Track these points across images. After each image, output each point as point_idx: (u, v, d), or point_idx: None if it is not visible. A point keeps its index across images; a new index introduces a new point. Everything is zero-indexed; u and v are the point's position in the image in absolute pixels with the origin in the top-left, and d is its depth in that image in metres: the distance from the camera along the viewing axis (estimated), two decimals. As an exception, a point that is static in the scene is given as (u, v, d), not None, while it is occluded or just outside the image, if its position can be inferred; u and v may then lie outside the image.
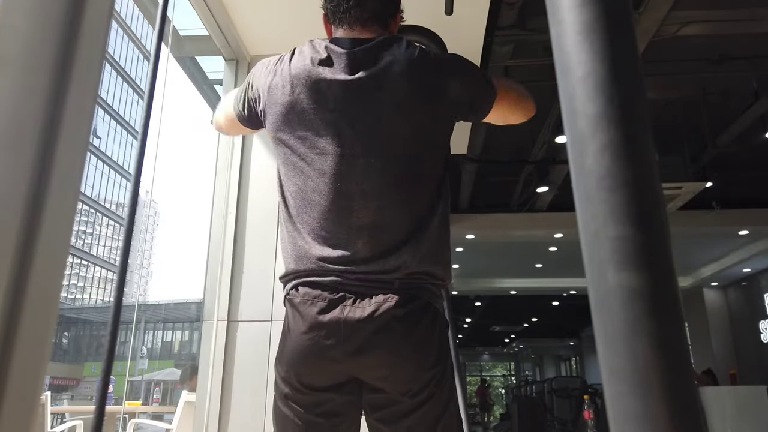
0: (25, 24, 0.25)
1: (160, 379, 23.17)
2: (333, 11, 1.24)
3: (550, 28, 0.25)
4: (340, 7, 1.22)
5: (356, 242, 1.10)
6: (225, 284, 2.55)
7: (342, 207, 1.11)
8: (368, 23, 1.22)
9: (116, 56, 43.42)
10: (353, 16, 1.21)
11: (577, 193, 0.24)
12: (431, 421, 1.08)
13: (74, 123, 0.27)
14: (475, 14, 2.60)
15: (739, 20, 3.98)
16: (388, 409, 1.09)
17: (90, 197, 44.57)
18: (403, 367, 1.07)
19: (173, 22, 2.92)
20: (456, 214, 7.45)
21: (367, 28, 1.23)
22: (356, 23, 1.22)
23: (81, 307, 39.92)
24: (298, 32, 2.65)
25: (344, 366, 1.07)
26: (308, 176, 1.15)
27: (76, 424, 4.30)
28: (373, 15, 1.23)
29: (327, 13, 1.27)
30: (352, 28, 1.22)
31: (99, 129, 42.51)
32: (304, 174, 1.16)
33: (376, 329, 1.05)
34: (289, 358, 1.10)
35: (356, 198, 1.11)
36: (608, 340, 0.22)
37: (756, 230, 7.68)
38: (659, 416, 0.20)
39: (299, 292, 1.11)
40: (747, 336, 10.58)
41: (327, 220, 1.12)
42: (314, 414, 1.10)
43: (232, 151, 2.73)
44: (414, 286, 1.10)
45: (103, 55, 0.28)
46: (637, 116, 0.23)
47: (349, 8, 1.21)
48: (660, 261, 0.22)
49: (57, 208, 0.26)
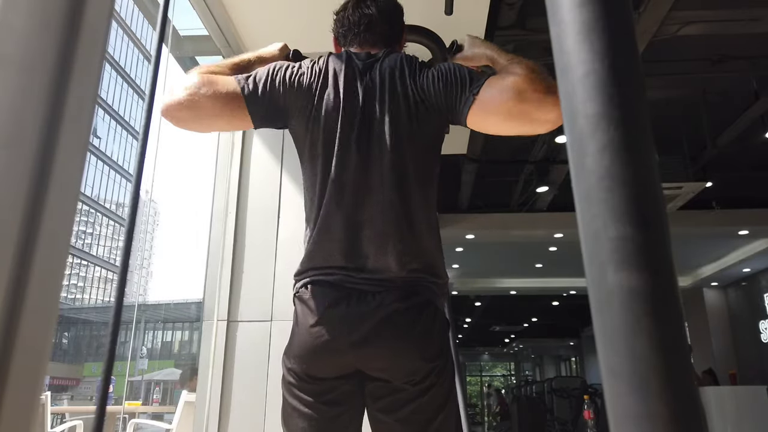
0: (25, 24, 0.25)
1: (160, 379, 23.17)
2: (344, 35, 1.34)
3: (550, 28, 0.25)
4: (351, 32, 1.32)
5: (361, 246, 1.15)
6: (225, 284, 2.55)
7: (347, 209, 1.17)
8: (377, 45, 1.31)
9: (116, 56, 43.42)
10: (363, 39, 1.31)
11: (577, 193, 0.24)
12: (431, 412, 1.11)
13: (74, 123, 0.27)
14: (475, 14, 2.60)
15: (739, 20, 3.98)
16: (390, 398, 1.13)
17: (90, 197, 44.58)
18: (405, 359, 1.11)
19: (173, 22, 2.92)
20: (456, 214, 7.45)
21: (375, 48, 1.31)
22: (365, 45, 1.32)
23: (81, 307, 39.92)
24: (298, 32, 2.65)
25: (348, 357, 1.12)
26: (318, 176, 1.21)
27: (76, 424, 4.30)
28: (381, 38, 1.32)
29: (338, 37, 1.36)
30: (362, 49, 1.31)
31: (99, 129, 42.52)
32: (315, 173, 1.21)
33: (379, 322, 1.10)
34: (297, 350, 1.15)
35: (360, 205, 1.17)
36: (608, 340, 0.22)
37: (756, 230, 7.67)
38: (659, 416, 0.20)
39: (308, 289, 1.17)
40: (747, 336, 10.57)
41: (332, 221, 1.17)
42: (319, 401, 1.14)
43: (232, 151, 2.73)
44: (415, 284, 1.16)
45: (103, 55, 0.28)
46: (637, 116, 0.23)
47: (360, 33, 1.31)
48: (660, 261, 0.22)
49: (57, 208, 0.26)
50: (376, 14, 1.31)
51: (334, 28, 1.36)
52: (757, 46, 4.52)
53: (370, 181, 1.17)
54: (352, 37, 1.32)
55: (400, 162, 1.18)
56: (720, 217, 7.23)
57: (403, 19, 1.39)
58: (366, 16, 1.31)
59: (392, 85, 1.20)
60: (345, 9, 1.35)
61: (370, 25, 1.31)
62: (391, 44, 1.33)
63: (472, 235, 7.98)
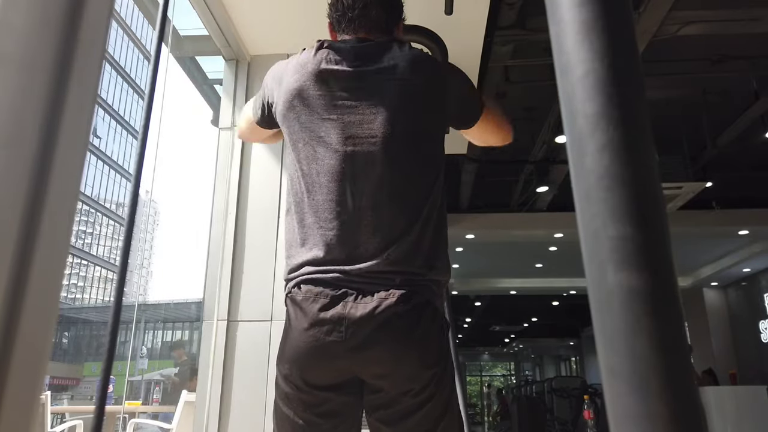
0: (25, 24, 0.25)
1: (159, 378, 23.17)
2: (338, 20, 1.29)
3: (550, 27, 0.25)
4: (345, 16, 1.27)
5: (357, 240, 1.11)
6: (225, 284, 2.55)
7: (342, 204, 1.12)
8: (372, 31, 1.28)
9: (116, 56, 43.40)
10: (358, 25, 1.27)
11: (576, 193, 0.24)
12: (432, 422, 1.08)
13: (74, 123, 0.27)
14: (475, 14, 2.60)
15: (739, 20, 3.98)
16: (389, 410, 1.09)
17: (90, 197, 44.56)
18: (404, 365, 1.07)
19: (173, 22, 2.92)
20: (456, 214, 7.44)
21: (371, 34, 1.27)
22: (360, 30, 1.27)
23: (81, 307, 39.87)
24: (297, 32, 2.65)
25: (345, 362, 1.08)
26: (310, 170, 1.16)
27: (76, 423, 4.29)
28: (376, 23, 1.28)
29: (332, 22, 1.32)
30: (357, 35, 1.27)
31: (99, 129, 42.49)
32: (306, 167, 1.17)
33: (378, 326, 1.06)
34: (292, 355, 1.10)
35: (356, 195, 1.12)
36: (608, 340, 0.22)
37: (756, 230, 7.67)
38: (659, 416, 0.20)
39: (301, 289, 1.11)
40: (747, 336, 10.57)
41: (327, 217, 1.12)
42: (314, 414, 1.10)
43: (232, 151, 2.73)
44: (415, 284, 1.11)
45: (103, 55, 0.28)
46: (637, 116, 0.23)
47: (354, 17, 1.26)
48: (660, 261, 0.22)
49: (57, 208, 0.26)
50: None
51: (329, 12, 1.32)
52: (757, 46, 4.52)
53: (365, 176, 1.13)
54: (346, 22, 1.27)
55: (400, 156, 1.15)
56: (720, 217, 7.23)
57: (401, 2, 1.34)
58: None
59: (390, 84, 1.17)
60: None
61: (365, 9, 1.26)
62: (389, 30, 1.29)
63: (472, 235, 7.98)
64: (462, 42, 2.74)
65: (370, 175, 1.13)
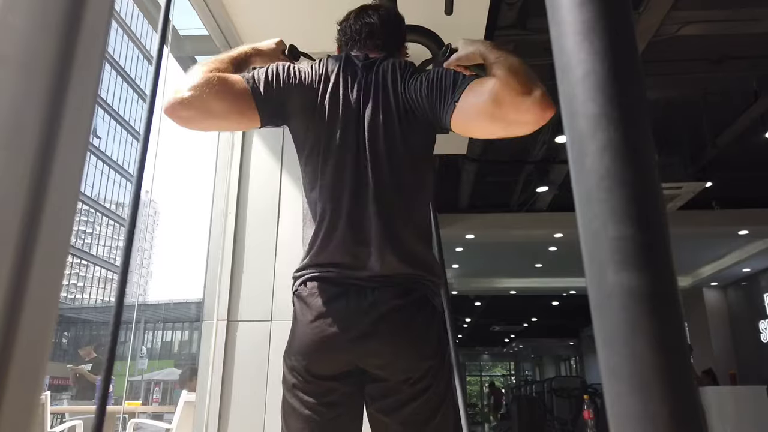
0: (25, 24, 0.25)
1: (159, 379, 23.16)
2: (346, 43, 1.38)
3: (550, 28, 0.25)
4: (352, 40, 1.37)
5: (359, 242, 1.17)
6: (225, 284, 2.55)
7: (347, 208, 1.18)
8: (376, 51, 1.35)
9: (116, 56, 43.41)
10: (363, 46, 1.36)
11: (577, 193, 0.24)
12: (428, 412, 1.14)
13: (74, 123, 0.27)
14: (475, 14, 2.60)
15: (739, 20, 3.98)
16: (388, 399, 1.15)
17: (90, 197, 44.55)
18: (402, 355, 1.13)
19: (173, 22, 2.92)
20: (456, 214, 7.45)
21: (375, 53, 1.34)
22: (366, 50, 1.35)
23: (81, 307, 39.86)
24: (297, 32, 2.65)
25: (347, 354, 1.14)
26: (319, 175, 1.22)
27: (76, 424, 4.29)
28: (382, 45, 1.36)
29: (340, 46, 1.41)
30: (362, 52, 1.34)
31: (99, 129, 42.49)
32: (316, 172, 1.23)
33: (377, 318, 1.12)
34: (298, 347, 1.17)
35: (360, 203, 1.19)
36: (608, 340, 0.22)
37: (756, 230, 7.67)
38: (659, 416, 0.20)
39: (307, 286, 1.19)
40: (747, 336, 10.57)
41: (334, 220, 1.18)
42: (319, 403, 1.15)
43: (232, 151, 2.73)
44: (413, 282, 1.18)
45: (103, 55, 0.28)
46: (637, 116, 0.23)
47: (361, 40, 1.36)
48: (660, 261, 0.22)
49: (57, 208, 0.26)
50: (377, 23, 1.36)
51: (338, 37, 1.41)
52: (757, 46, 4.52)
53: (368, 182, 1.19)
54: (352, 44, 1.37)
55: (396, 164, 1.20)
56: (720, 217, 7.24)
57: (404, 29, 1.44)
58: (368, 24, 1.36)
59: (385, 92, 1.24)
60: (347, 19, 1.40)
61: (371, 34, 1.35)
62: (391, 51, 1.37)
63: (472, 235, 7.98)
64: (462, 42, 2.74)
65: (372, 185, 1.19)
